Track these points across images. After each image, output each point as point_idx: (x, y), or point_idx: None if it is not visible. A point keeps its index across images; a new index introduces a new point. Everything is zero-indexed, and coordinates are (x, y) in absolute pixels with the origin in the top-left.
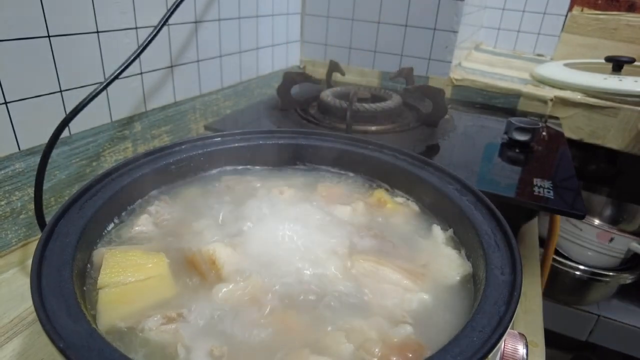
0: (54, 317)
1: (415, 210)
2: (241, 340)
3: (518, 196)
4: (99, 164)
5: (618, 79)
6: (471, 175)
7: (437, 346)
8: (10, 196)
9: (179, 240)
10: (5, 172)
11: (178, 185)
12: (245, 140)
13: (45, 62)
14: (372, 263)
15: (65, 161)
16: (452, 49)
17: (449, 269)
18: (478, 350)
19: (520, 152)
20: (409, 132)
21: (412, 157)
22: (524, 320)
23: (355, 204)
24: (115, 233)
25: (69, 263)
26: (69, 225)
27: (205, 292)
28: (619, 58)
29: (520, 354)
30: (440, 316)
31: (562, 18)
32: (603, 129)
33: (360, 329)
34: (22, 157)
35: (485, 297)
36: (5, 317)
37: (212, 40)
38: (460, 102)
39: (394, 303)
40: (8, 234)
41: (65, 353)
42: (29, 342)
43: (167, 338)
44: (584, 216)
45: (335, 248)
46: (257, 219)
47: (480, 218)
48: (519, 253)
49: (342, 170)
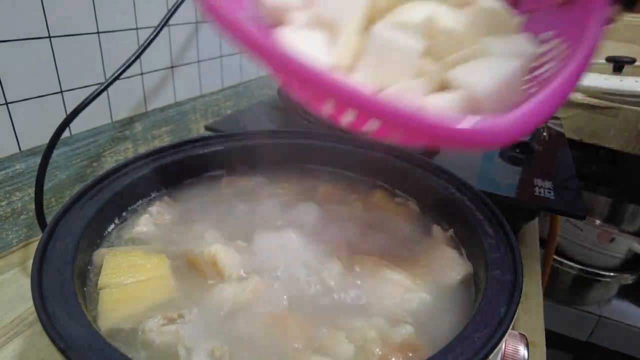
0: (55, 317)
1: (416, 211)
2: (242, 340)
3: (518, 196)
4: (100, 164)
5: (619, 79)
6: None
7: (437, 346)
8: (10, 196)
9: (180, 241)
10: (6, 173)
11: (179, 185)
12: (245, 141)
13: (46, 63)
14: (372, 263)
15: (66, 161)
16: None
17: (450, 269)
18: (479, 350)
19: (521, 152)
20: None
21: (412, 158)
22: (524, 321)
23: (356, 204)
24: (116, 233)
25: (70, 263)
26: (70, 225)
27: (206, 293)
28: (619, 58)
29: (521, 354)
30: (440, 316)
31: None
32: (604, 129)
33: (360, 329)
34: (22, 157)
35: (486, 297)
36: (6, 317)
37: (213, 40)
38: None
39: (394, 303)
40: (9, 235)
41: (66, 353)
42: (29, 342)
43: (168, 339)
44: (584, 216)
45: (335, 248)
46: (258, 220)
47: (481, 218)
48: (520, 253)
49: (342, 171)
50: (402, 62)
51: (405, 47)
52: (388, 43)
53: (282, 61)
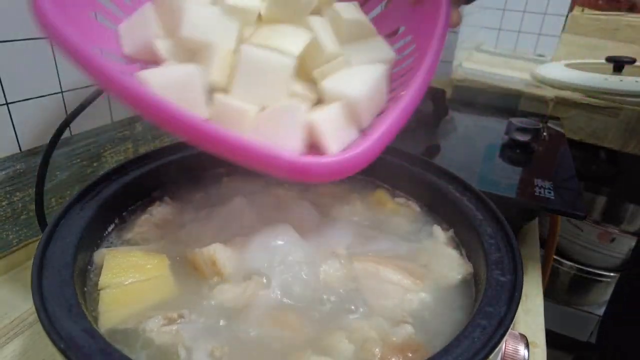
0: (55, 317)
1: (416, 211)
2: (242, 340)
3: (519, 197)
4: (100, 164)
5: (619, 79)
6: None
7: (438, 346)
8: (11, 197)
9: (179, 241)
10: (7, 173)
11: (179, 185)
12: None
13: (46, 63)
14: (372, 263)
15: (66, 162)
16: (452, 49)
17: (450, 269)
18: (479, 350)
19: (521, 152)
20: (409, 132)
21: (413, 158)
22: (524, 321)
23: (356, 204)
24: (116, 234)
25: (70, 264)
26: (70, 226)
27: (206, 293)
28: (619, 58)
29: (521, 354)
30: (441, 316)
31: (563, 18)
32: (604, 129)
33: (361, 329)
34: (23, 157)
35: (486, 297)
36: (6, 317)
37: None
38: (461, 103)
39: (394, 303)
40: (9, 235)
41: (66, 354)
42: (29, 342)
43: (168, 339)
44: (584, 217)
45: (335, 248)
46: (258, 220)
47: (481, 218)
48: (520, 253)
49: None
50: (277, 79)
51: (278, 64)
52: (261, 61)
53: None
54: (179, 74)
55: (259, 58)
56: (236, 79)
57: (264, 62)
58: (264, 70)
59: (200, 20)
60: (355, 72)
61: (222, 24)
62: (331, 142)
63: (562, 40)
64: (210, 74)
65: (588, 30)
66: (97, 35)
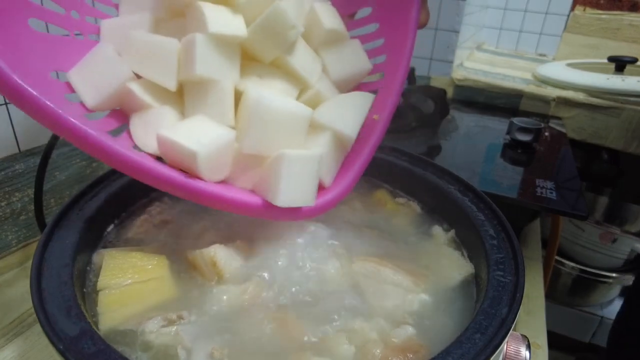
0: (54, 318)
1: (417, 211)
2: (242, 341)
3: (520, 197)
4: (99, 165)
5: (621, 79)
6: (473, 175)
7: (438, 348)
8: (10, 197)
9: (179, 242)
10: (6, 173)
11: None
12: None
13: None
14: (372, 264)
15: (66, 162)
16: (453, 49)
17: (451, 270)
18: (480, 352)
19: (523, 152)
20: (410, 132)
21: (414, 158)
22: (526, 322)
23: (356, 204)
24: (116, 234)
25: (69, 265)
26: (69, 226)
27: (205, 294)
28: (621, 58)
29: (522, 355)
30: (442, 317)
31: (564, 18)
32: (606, 129)
33: (361, 331)
34: (22, 158)
35: (488, 298)
36: (6, 318)
37: None
38: (462, 103)
39: (395, 304)
40: (8, 235)
41: (65, 355)
42: (29, 343)
43: (168, 340)
44: (586, 217)
45: (335, 249)
46: (258, 221)
47: (482, 219)
48: (521, 254)
49: None
50: (294, 129)
51: (297, 114)
52: (277, 112)
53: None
54: (219, 136)
55: (277, 109)
56: (248, 128)
57: (282, 113)
58: (282, 121)
59: (208, 57)
60: (346, 104)
61: (223, 57)
62: (325, 175)
63: (563, 39)
64: (229, 119)
65: (590, 29)
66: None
